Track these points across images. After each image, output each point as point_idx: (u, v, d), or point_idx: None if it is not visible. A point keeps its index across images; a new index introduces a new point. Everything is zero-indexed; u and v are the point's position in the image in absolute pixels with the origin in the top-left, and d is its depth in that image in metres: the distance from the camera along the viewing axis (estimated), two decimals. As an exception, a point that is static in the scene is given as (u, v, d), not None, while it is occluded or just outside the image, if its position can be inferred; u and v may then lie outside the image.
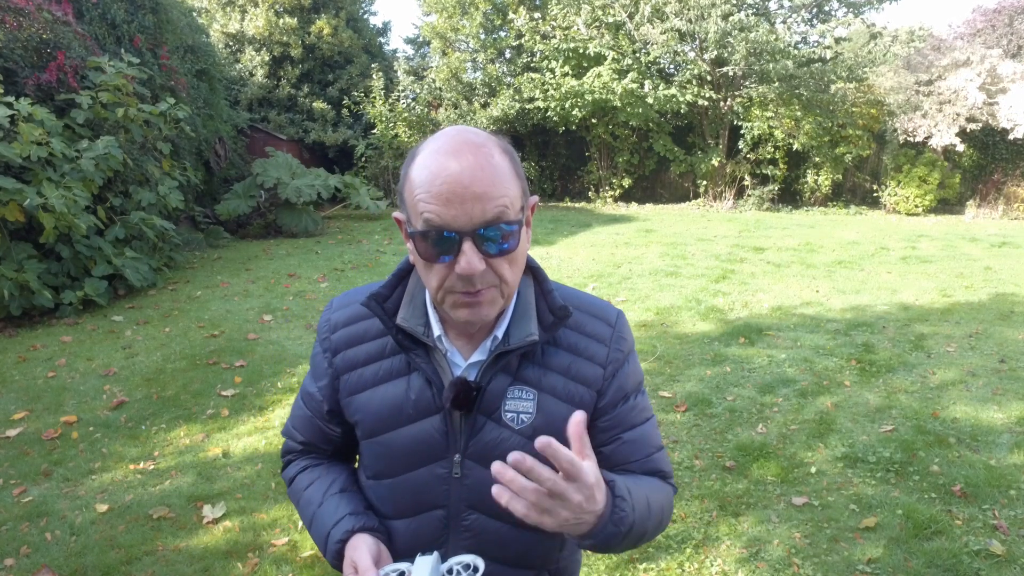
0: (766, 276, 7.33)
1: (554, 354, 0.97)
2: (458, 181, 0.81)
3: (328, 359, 1.02)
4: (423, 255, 0.86)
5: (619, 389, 1.01)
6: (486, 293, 0.86)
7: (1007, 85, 11.68)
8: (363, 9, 16.35)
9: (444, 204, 0.81)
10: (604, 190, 15.25)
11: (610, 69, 13.22)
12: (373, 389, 0.98)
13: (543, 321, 0.96)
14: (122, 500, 3.00)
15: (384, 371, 0.98)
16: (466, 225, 0.82)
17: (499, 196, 0.83)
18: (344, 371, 1.00)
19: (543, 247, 9.27)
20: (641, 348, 4.94)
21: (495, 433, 0.94)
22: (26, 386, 4.35)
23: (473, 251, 0.82)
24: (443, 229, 0.82)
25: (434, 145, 0.85)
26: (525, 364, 0.96)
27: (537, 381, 0.96)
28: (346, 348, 1.00)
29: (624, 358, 1.02)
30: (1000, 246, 9.20)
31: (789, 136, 13.46)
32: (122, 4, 8.23)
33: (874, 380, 4.30)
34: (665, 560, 2.55)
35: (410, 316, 0.95)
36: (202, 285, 7.17)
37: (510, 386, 0.95)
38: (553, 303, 0.96)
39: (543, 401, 0.95)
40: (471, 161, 0.82)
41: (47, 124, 5.87)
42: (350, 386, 1.00)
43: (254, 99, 14.50)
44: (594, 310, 1.03)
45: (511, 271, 0.88)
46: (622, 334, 1.03)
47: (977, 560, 2.50)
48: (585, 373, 0.98)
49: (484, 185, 0.82)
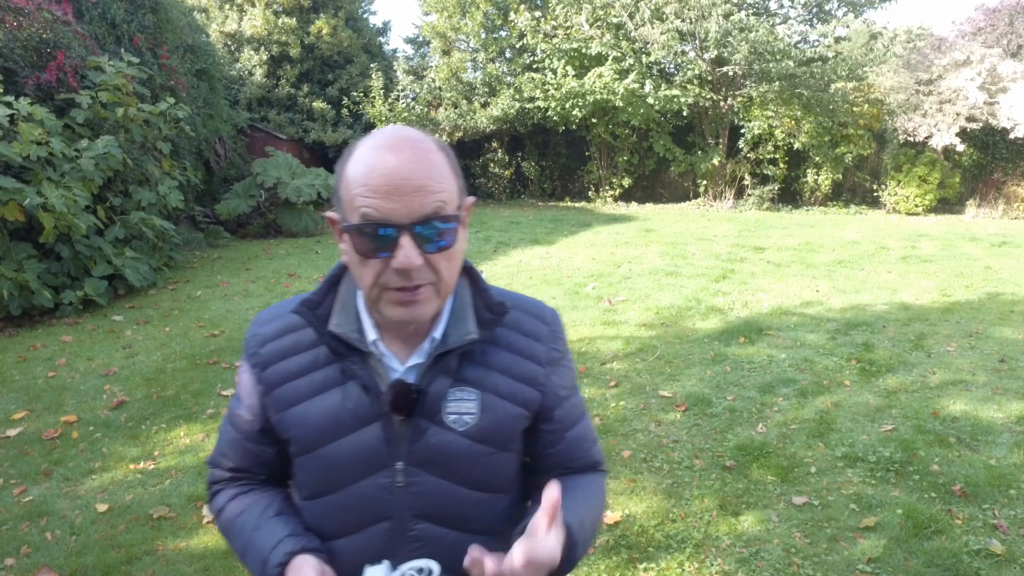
0: (766, 276, 7.33)
1: (494, 353, 0.96)
2: (396, 174, 0.80)
3: (257, 375, 0.97)
4: (359, 250, 0.83)
5: (559, 387, 1.01)
6: (423, 290, 0.85)
7: (1007, 84, 11.68)
8: (363, 8, 16.34)
9: (382, 197, 0.80)
10: (604, 190, 15.24)
11: (611, 69, 13.22)
12: (309, 401, 0.93)
13: (481, 319, 0.95)
14: (122, 500, 3.00)
15: (319, 382, 0.93)
16: (404, 218, 0.80)
17: (437, 190, 0.82)
18: (275, 386, 0.95)
19: (543, 247, 9.27)
20: (641, 347, 4.95)
21: (438, 436, 0.92)
22: (26, 386, 4.35)
23: (411, 245, 0.81)
24: (381, 223, 0.80)
25: (371, 142, 0.84)
26: (465, 364, 0.94)
27: (479, 381, 0.94)
28: (277, 361, 0.96)
29: (561, 356, 1.02)
30: (1000, 246, 9.20)
31: (789, 136, 13.46)
32: (122, 4, 8.23)
33: (874, 380, 4.30)
34: (665, 560, 2.55)
35: (343, 322, 0.92)
36: (202, 285, 7.17)
37: (451, 387, 0.92)
38: (490, 300, 0.96)
39: (487, 401, 0.93)
40: (409, 155, 0.81)
41: (47, 124, 5.87)
42: (283, 401, 0.95)
43: (254, 99, 14.50)
44: (530, 309, 1.02)
45: (448, 269, 0.86)
46: (558, 333, 1.03)
47: (977, 559, 2.50)
48: (526, 371, 0.97)
49: (422, 178, 0.81)
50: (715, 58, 13.04)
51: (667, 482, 3.12)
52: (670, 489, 3.05)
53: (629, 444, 3.49)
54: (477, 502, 0.96)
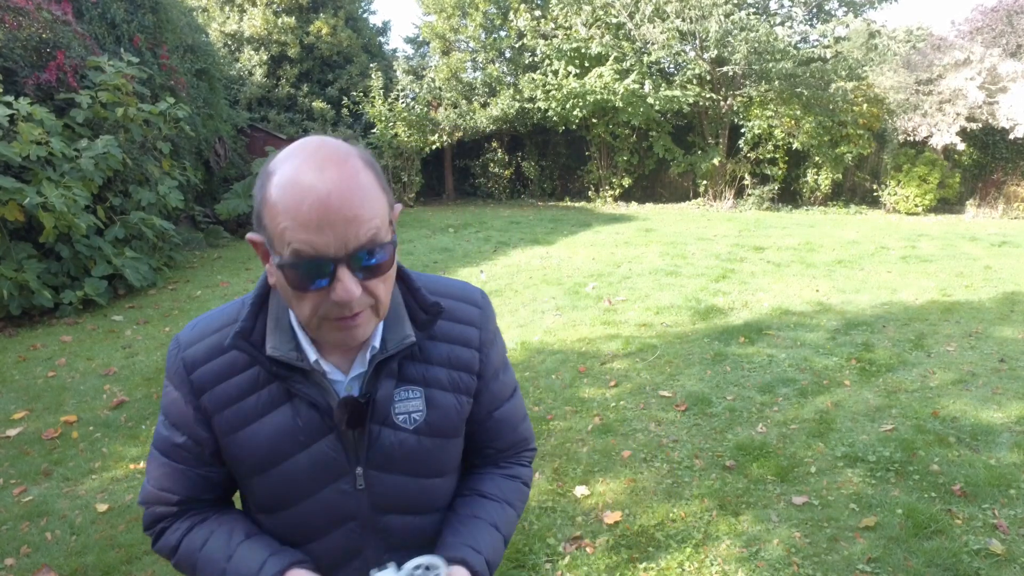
0: (766, 275, 7.33)
1: (432, 347, 0.97)
2: (327, 205, 0.75)
3: (192, 402, 0.92)
4: (294, 285, 0.80)
5: (490, 366, 1.03)
6: (362, 315, 0.83)
7: (1007, 84, 11.68)
8: (362, 8, 16.34)
9: (314, 232, 0.75)
10: (604, 189, 15.24)
11: (611, 69, 13.21)
12: (257, 423, 0.91)
13: (416, 320, 0.95)
14: (122, 500, 3.00)
15: (264, 402, 0.91)
16: (340, 251, 0.77)
17: (370, 217, 0.78)
18: (216, 411, 0.92)
19: (543, 246, 9.27)
20: (641, 347, 4.95)
21: (391, 437, 0.94)
22: (26, 386, 4.35)
23: (349, 277, 0.78)
24: (316, 259, 0.77)
25: (294, 163, 0.77)
26: (406, 363, 0.95)
27: (421, 378, 0.96)
28: (213, 386, 0.91)
29: (492, 337, 1.04)
30: (1000, 245, 9.20)
31: (789, 135, 13.46)
32: (122, 3, 8.23)
33: (874, 379, 4.30)
34: (665, 559, 2.55)
35: (280, 343, 0.89)
36: (202, 285, 7.17)
37: (395, 388, 0.94)
38: (424, 301, 0.95)
39: (431, 396, 0.96)
40: (337, 180, 0.76)
41: (47, 124, 5.87)
42: (228, 425, 0.91)
43: (253, 98, 14.49)
44: (461, 295, 1.03)
45: (384, 289, 0.85)
46: (489, 314, 1.05)
47: (977, 559, 2.50)
48: (464, 359, 0.99)
49: (354, 208, 0.76)
50: (715, 58, 13.04)
51: (667, 482, 3.12)
52: (670, 489, 3.06)
53: (629, 444, 3.49)
54: (433, 487, 1.01)
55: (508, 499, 1.07)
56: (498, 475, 1.09)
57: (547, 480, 3.13)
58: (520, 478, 1.12)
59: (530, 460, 1.16)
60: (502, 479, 1.09)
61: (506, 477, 1.10)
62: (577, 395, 4.11)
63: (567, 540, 2.67)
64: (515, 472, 1.12)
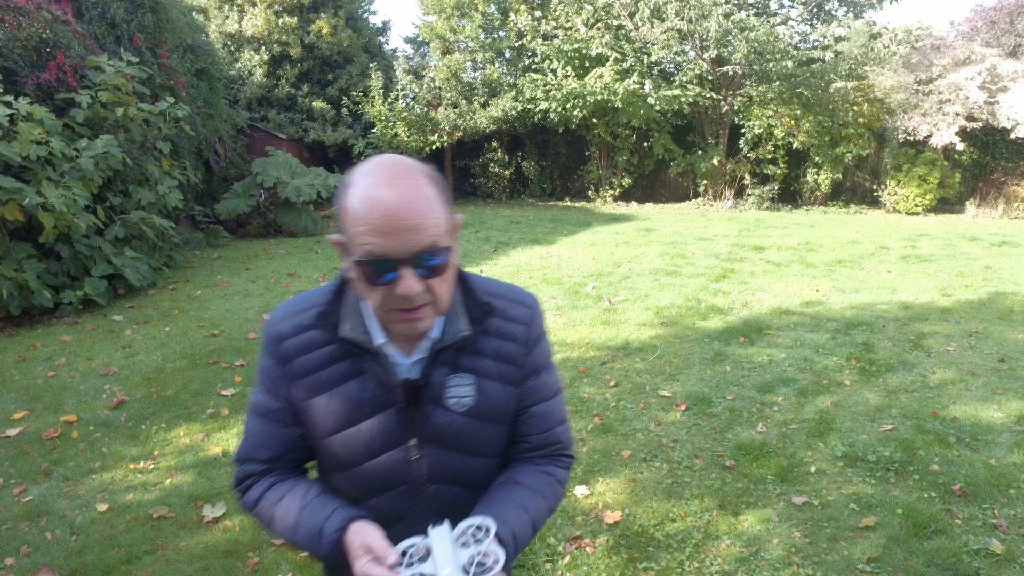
0: (766, 275, 7.33)
1: (484, 341, 1.09)
2: (394, 215, 0.89)
3: (280, 370, 1.07)
4: (366, 279, 0.94)
5: (533, 362, 1.13)
6: (423, 310, 0.96)
7: (1007, 84, 11.67)
8: (362, 8, 16.34)
9: (383, 236, 0.89)
10: (604, 189, 15.24)
11: (612, 70, 13.21)
12: (330, 392, 1.05)
13: (471, 316, 1.08)
14: (122, 499, 3.00)
15: (338, 375, 1.05)
16: (404, 254, 0.90)
17: (431, 226, 0.92)
18: (298, 377, 1.06)
19: (543, 246, 9.27)
20: (641, 347, 4.95)
21: (443, 417, 1.06)
22: (26, 385, 4.35)
23: (411, 275, 0.92)
24: (384, 259, 0.91)
25: (369, 179, 0.92)
26: (460, 354, 1.07)
27: (472, 367, 1.08)
28: (296, 357, 1.06)
29: (538, 337, 1.15)
30: (1000, 245, 9.20)
31: (789, 135, 13.46)
32: (121, 3, 8.23)
33: (874, 379, 4.30)
34: (665, 559, 2.55)
35: (353, 327, 1.04)
36: (202, 284, 7.17)
37: (449, 375, 1.06)
38: (478, 300, 1.09)
39: (481, 384, 1.08)
40: (405, 194, 0.90)
41: (46, 123, 5.86)
42: (305, 391, 1.06)
43: (253, 98, 14.49)
44: (513, 296, 1.15)
45: (443, 288, 0.98)
46: (537, 315, 1.16)
47: (977, 559, 2.50)
48: (510, 353, 1.10)
49: (418, 217, 0.90)
50: (715, 57, 13.04)
51: (667, 482, 3.12)
52: (670, 489, 3.06)
53: (629, 444, 3.49)
54: (477, 466, 1.12)
55: (540, 490, 1.12)
56: (533, 469, 1.15)
57: (547, 480, 3.13)
58: (555, 476, 1.17)
59: (567, 465, 1.20)
60: (537, 473, 1.15)
61: (541, 472, 1.15)
62: (577, 395, 4.11)
63: (567, 540, 2.68)
64: (550, 470, 1.17)
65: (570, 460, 1.21)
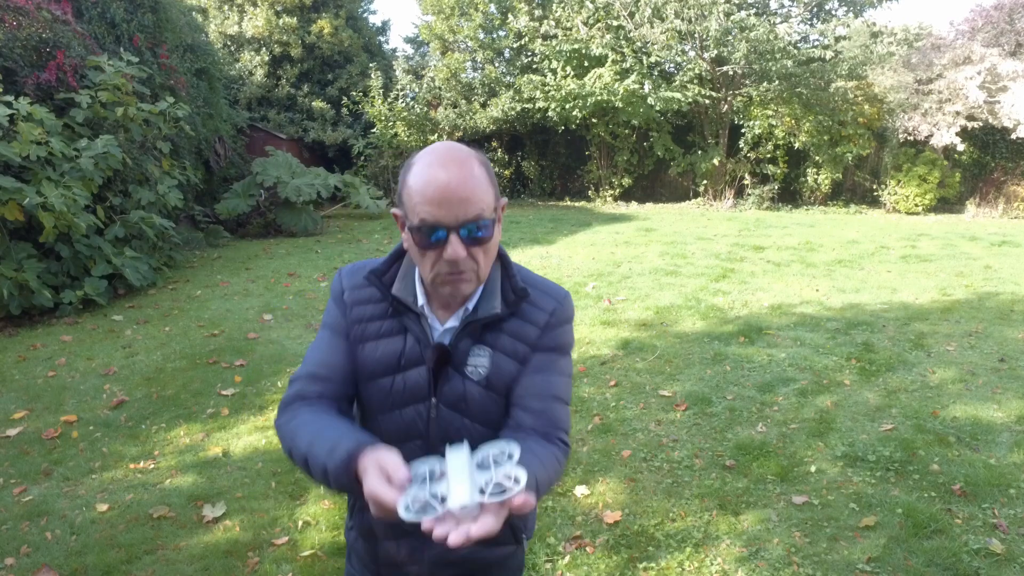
0: (766, 275, 7.33)
1: (511, 321, 1.19)
2: (447, 188, 1.03)
3: (343, 311, 1.23)
4: (419, 245, 1.08)
5: (544, 344, 1.20)
6: (466, 274, 1.09)
7: (1007, 83, 11.67)
8: (362, 8, 16.34)
9: (436, 206, 1.03)
10: (604, 189, 15.24)
11: (611, 70, 13.21)
12: (376, 341, 1.19)
13: (506, 299, 1.19)
14: (122, 499, 3.00)
15: (385, 328, 1.20)
16: (452, 222, 1.04)
17: (478, 201, 1.05)
18: (354, 323, 1.21)
19: (543, 246, 9.27)
20: (641, 347, 4.95)
21: (459, 383, 1.17)
22: (26, 385, 4.35)
23: (457, 242, 1.05)
24: (435, 225, 1.04)
25: (428, 159, 1.07)
26: (488, 329, 1.18)
27: (493, 342, 1.18)
28: (355, 306, 1.22)
29: (559, 324, 1.22)
30: (1000, 245, 9.20)
31: (789, 135, 13.46)
32: (121, 3, 8.23)
33: (874, 379, 4.30)
34: (665, 559, 2.55)
35: (402, 289, 1.19)
36: (202, 284, 7.17)
37: (472, 346, 1.17)
38: (515, 285, 1.20)
39: (495, 358, 1.18)
40: (457, 173, 1.04)
41: (46, 123, 5.86)
42: (359, 335, 1.21)
43: (253, 98, 14.49)
44: (547, 288, 1.24)
45: (485, 259, 1.11)
46: (563, 307, 1.23)
47: (977, 559, 2.50)
48: (528, 334, 1.19)
49: (466, 192, 1.04)
50: (715, 57, 13.04)
51: (667, 481, 3.12)
52: (670, 488, 3.06)
53: (629, 443, 3.49)
54: (479, 435, 1.18)
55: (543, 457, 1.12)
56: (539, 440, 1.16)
57: (547, 480, 3.13)
58: (554, 450, 1.17)
59: (565, 452, 1.20)
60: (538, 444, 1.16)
61: (542, 443, 1.16)
62: (577, 395, 4.11)
63: (567, 540, 2.68)
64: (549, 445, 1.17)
65: (567, 448, 1.22)
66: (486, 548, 1.25)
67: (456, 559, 1.25)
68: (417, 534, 1.14)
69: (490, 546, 1.26)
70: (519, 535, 1.32)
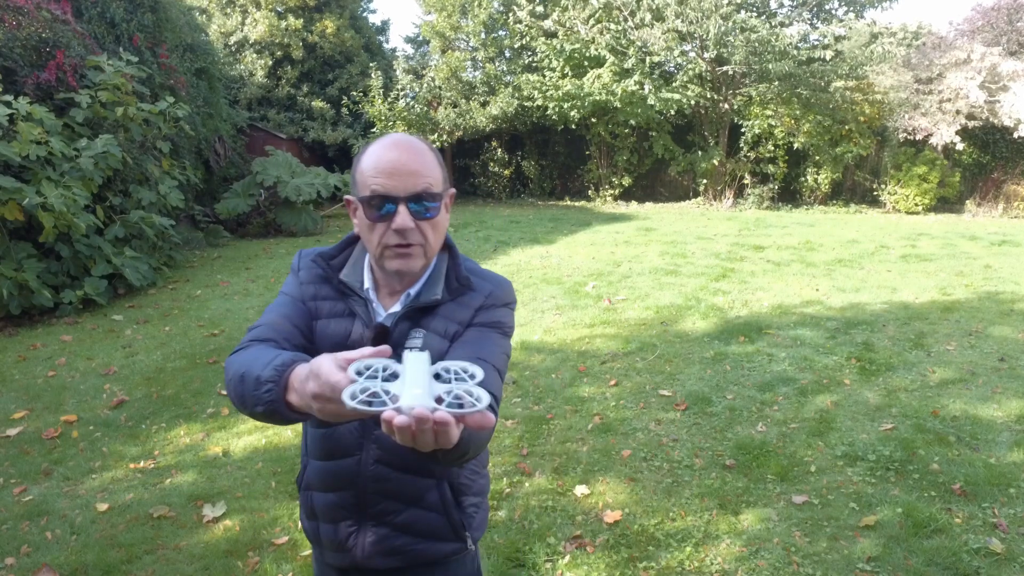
0: (766, 275, 7.33)
1: (449, 306, 1.22)
2: (397, 160, 1.11)
3: (298, 284, 1.27)
4: (368, 217, 1.12)
5: (476, 320, 1.22)
6: (414, 248, 1.14)
7: (1007, 83, 11.67)
8: (362, 7, 16.33)
9: (386, 177, 1.10)
10: (604, 189, 15.24)
11: (610, 71, 13.20)
12: (327, 320, 1.23)
13: (449, 286, 1.23)
14: (122, 499, 3.00)
15: (337, 310, 1.24)
16: (401, 192, 1.10)
17: (426, 175, 1.12)
18: (308, 299, 1.25)
19: (543, 246, 9.27)
20: (641, 347, 4.95)
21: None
22: (26, 385, 4.35)
23: (406, 212, 1.11)
24: (385, 196, 1.10)
25: (380, 142, 1.15)
26: (428, 314, 1.21)
27: (428, 324, 1.21)
28: (308, 284, 1.26)
29: (493, 305, 1.24)
30: (1000, 244, 9.20)
31: (789, 135, 13.46)
32: (121, 3, 8.23)
33: (874, 379, 4.30)
34: (665, 558, 2.55)
35: (350, 274, 1.25)
36: (202, 284, 7.17)
37: (410, 329, 1.20)
38: (459, 274, 1.24)
39: (427, 338, 1.20)
40: (407, 149, 1.13)
41: (46, 123, 5.86)
42: (314, 310, 1.25)
43: (253, 98, 14.49)
44: (487, 277, 1.28)
45: (433, 235, 1.16)
46: (500, 290, 1.26)
47: (977, 558, 2.50)
48: (461, 315, 1.22)
49: (415, 166, 1.11)
50: (715, 57, 13.04)
51: (667, 481, 3.12)
52: (670, 488, 3.06)
53: (629, 443, 3.49)
54: None
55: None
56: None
57: (547, 479, 3.13)
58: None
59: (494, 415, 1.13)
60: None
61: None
62: (577, 394, 4.11)
63: (567, 539, 2.68)
64: None
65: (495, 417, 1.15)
66: (424, 541, 1.25)
67: (393, 548, 1.24)
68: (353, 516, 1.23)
69: (428, 539, 1.25)
70: (460, 532, 1.28)
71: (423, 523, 1.25)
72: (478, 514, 1.33)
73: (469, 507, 1.31)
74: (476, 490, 1.33)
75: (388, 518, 1.23)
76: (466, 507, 1.30)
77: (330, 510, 1.25)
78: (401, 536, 1.24)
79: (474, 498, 1.32)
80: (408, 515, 1.24)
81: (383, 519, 1.23)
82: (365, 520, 1.24)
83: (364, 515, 1.24)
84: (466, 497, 1.30)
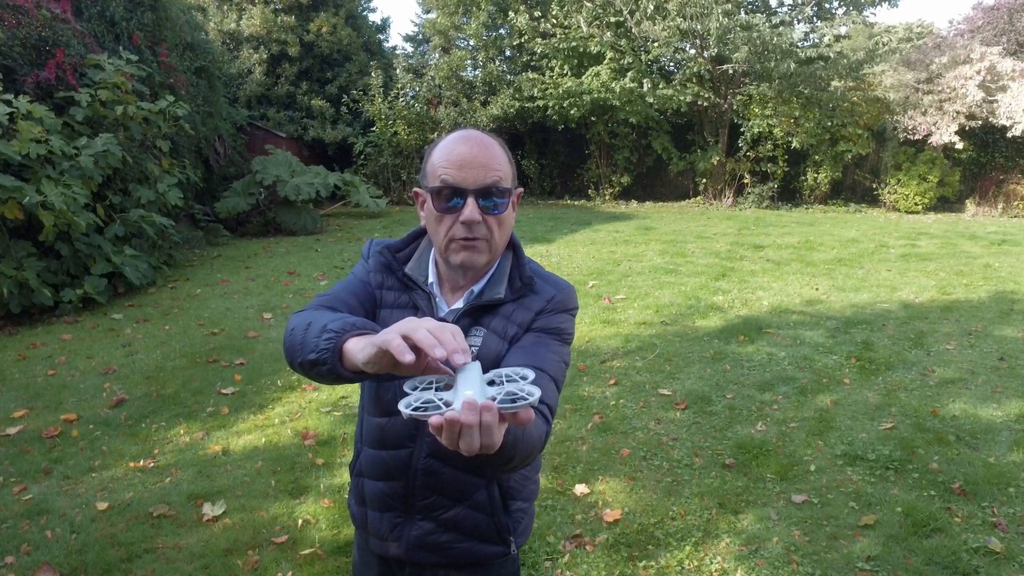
0: (766, 274, 7.33)
1: (511, 306, 1.22)
2: (468, 154, 1.11)
3: (369, 274, 1.28)
4: (437, 208, 1.13)
5: (536, 324, 1.21)
6: (479, 242, 1.14)
7: (1007, 83, 11.67)
8: (362, 6, 16.31)
9: (456, 168, 1.10)
10: (603, 188, 15.24)
11: (609, 68, 13.19)
12: (390, 310, 1.24)
13: (512, 286, 1.22)
14: (122, 498, 3.01)
15: (400, 301, 1.25)
16: (471, 185, 1.10)
17: (496, 169, 1.12)
18: (376, 287, 1.27)
19: (543, 245, 9.27)
20: (641, 346, 4.95)
21: None
22: (26, 384, 4.35)
23: (474, 205, 1.11)
24: (454, 187, 1.10)
25: (453, 136, 1.16)
26: (489, 313, 1.21)
27: (488, 323, 1.20)
28: (377, 272, 1.28)
29: (555, 310, 1.23)
30: (999, 244, 9.20)
31: (789, 134, 13.45)
32: (121, 1, 8.21)
33: (874, 378, 4.30)
34: (665, 557, 2.55)
35: (416, 268, 1.25)
36: (202, 283, 7.17)
37: (471, 327, 1.20)
38: (523, 274, 1.23)
39: (487, 338, 1.19)
40: (478, 144, 1.13)
41: (46, 122, 5.86)
42: (380, 299, 1.26)
43: (253, 97, 14.47)
44: (551, 280, 1.27)
45: (498, 231, 1.16)
46: (563, 296, 1.25)
47: (976, 557, 2.51)
48: (522, 317, 1.21)
49: (486, 159, 1.12)
50: (715, 56, 13.03)
51: (667, 480, 3.12)
52: (670, 487, 3.06)
53: (628, 442, 3.49)
54: None
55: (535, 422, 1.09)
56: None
57: (547, 478, 3.14)
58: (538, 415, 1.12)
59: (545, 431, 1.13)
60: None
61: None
62: (577, 393, 4.11)
63: (567, 538, 2.68)
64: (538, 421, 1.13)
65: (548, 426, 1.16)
66: (468, 540, 1.24)
67: (437, 544, 1.24)
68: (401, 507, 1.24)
69: (472, 539, 1.25)
70: (505, 535, 1.28)
71: (469, 522, 1.25)
72: (524, 519, 1.33)
73: (516, 511, 1.30)
74: (525, 495, 1.32)
75: (435, 513, 1.24)
76: (513, 511, 1.29)
77: (380, 499, 1.27)
78: (445, 533, 1.24)
79: (522, 503, 1.32)
80: (455, 513, 1.24)
81: (430, 514, 1.24)
82: (412, 513, 1.24)
83: (412, 508, 1.24)
84: (514, 501, 1.30)
